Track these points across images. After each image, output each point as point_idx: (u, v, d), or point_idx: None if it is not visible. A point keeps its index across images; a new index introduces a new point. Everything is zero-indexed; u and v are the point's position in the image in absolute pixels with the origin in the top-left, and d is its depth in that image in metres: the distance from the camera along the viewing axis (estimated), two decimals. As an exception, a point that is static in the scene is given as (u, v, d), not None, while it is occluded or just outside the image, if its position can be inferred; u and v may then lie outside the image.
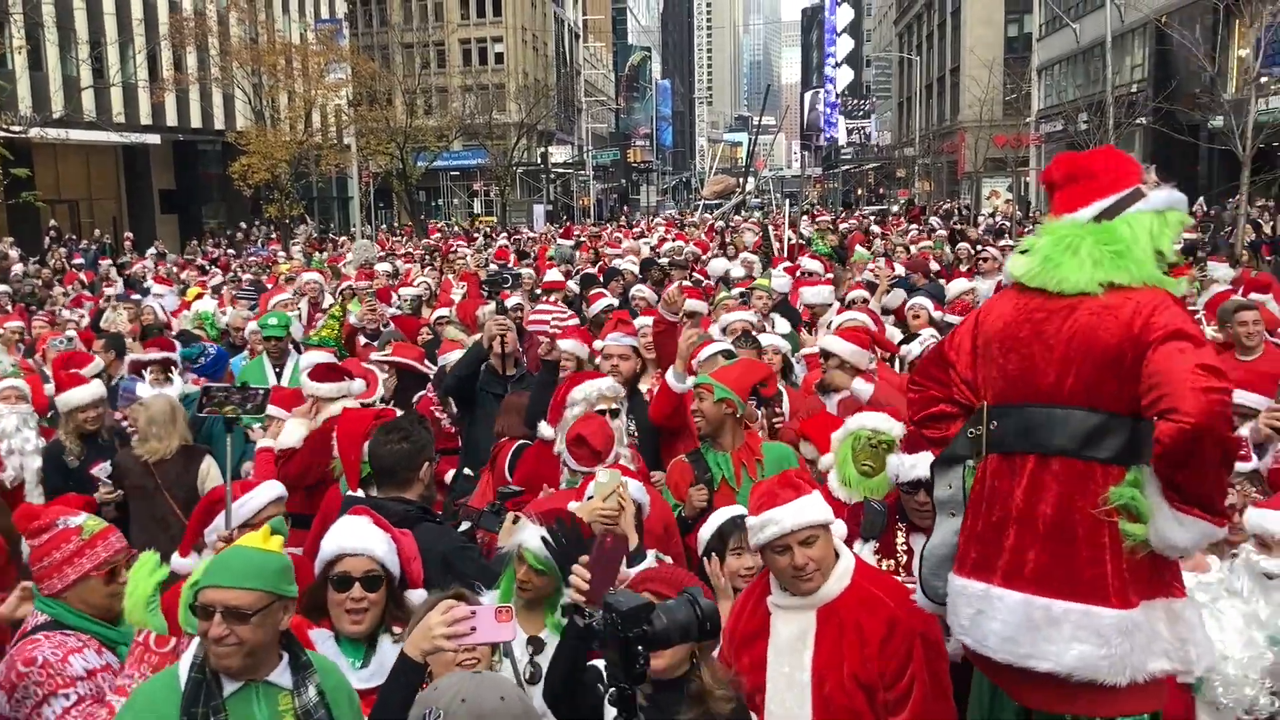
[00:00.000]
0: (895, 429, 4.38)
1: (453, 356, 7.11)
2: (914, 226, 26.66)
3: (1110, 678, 2.78)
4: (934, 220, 29.50)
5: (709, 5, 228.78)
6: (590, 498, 3.85)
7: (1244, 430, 4.52)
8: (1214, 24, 27.06)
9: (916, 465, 3.85)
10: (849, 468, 4.50)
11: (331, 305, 9.76)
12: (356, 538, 3.39)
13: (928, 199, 55.73)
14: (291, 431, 5.84)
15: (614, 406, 4.96)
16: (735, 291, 10.57)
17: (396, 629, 3.35)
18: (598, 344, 6.74)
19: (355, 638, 3.33)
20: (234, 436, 5.14)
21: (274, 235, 34.98)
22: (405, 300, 11.22)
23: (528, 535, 3.52)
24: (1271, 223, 22.30)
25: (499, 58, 64.82)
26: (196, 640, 2.86)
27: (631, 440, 5.42)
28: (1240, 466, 4.09)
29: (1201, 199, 28.57)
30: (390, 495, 4.10)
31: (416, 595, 3.51)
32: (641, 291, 9.74)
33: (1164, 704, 2.90)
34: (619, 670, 2.37)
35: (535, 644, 2.96)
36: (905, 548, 4.05)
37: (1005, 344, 3.02)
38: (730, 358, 6.04)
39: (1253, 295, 8.04)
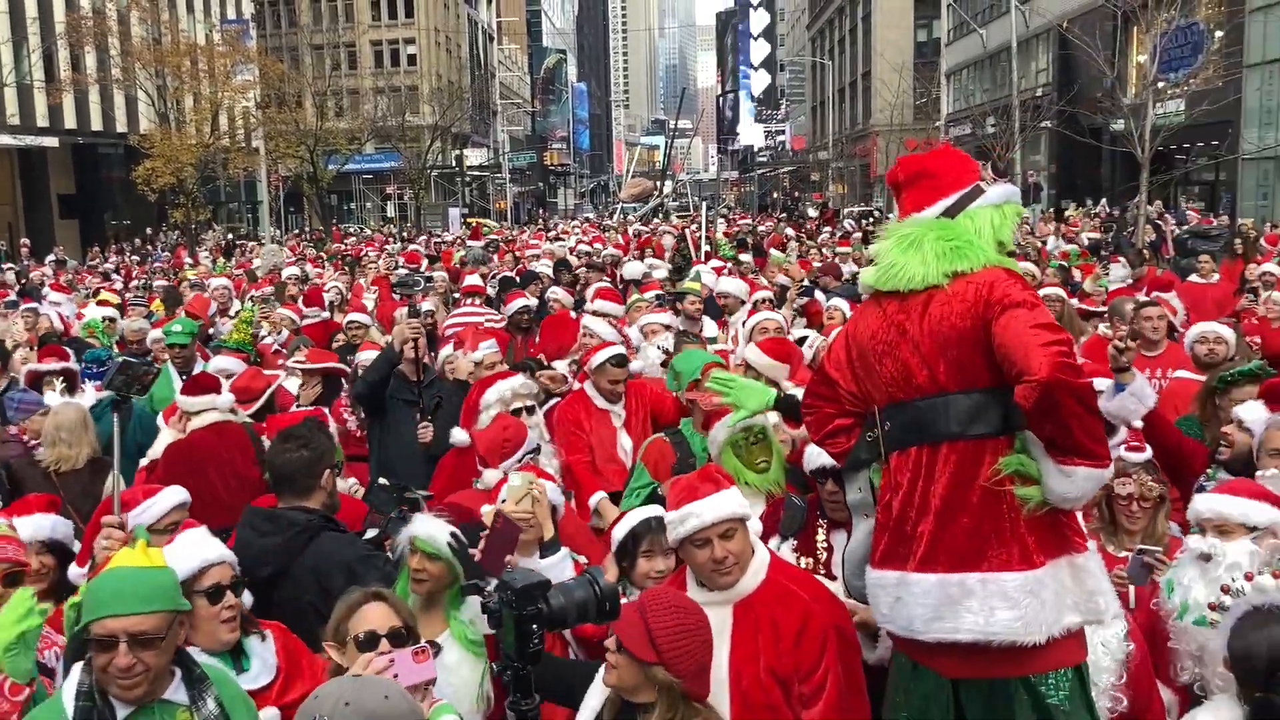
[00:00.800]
0: (758, 418, 4.40)
1: (369, 355, 6.98)
2: (828, 229, 27.01)
3: (1026, 637, 2.89)
4: (848, 223, 29.90)
5: (624, 8, 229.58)
6: (503, 500, 3.79)
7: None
8: (1114, 30, 27.94)
9: (817, 456, 3.99)
10: (745, 474, 4.47)
11: (240, 310, 9.52)
12: (212, 548, 3.28)
13: (842, 202, 56.58)
14: (160, 442, 5.71)
15: (528, 404, 4.92)
16: (649, 294, 10.56)
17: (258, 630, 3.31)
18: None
19: (226, 647, 3.21)
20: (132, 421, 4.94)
21: (180, 241, 34.11)
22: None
23: (418, 524, 3.49)
24: (1171, 223, 23.07)
25: (411, 59, 64.20)
26: (78, 667, 2.71)
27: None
28: (1134, 457, 4.18)
29: (1104, 200, 29.48)
30: (292, 505, 3.98)
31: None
32: (556, 294, 9.68)
33: (1084, 657, 3.02)
34: (513, 650, 2.31)
35: (431, 648, 2.87)
36: (825, 545, 4.06)
37: (877, 351, 3.15)
38: (622, 364, 6.11)
39: (1155, 294, 8.28)
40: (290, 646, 3.33)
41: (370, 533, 4.00)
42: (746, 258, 15.54)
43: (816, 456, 4.01)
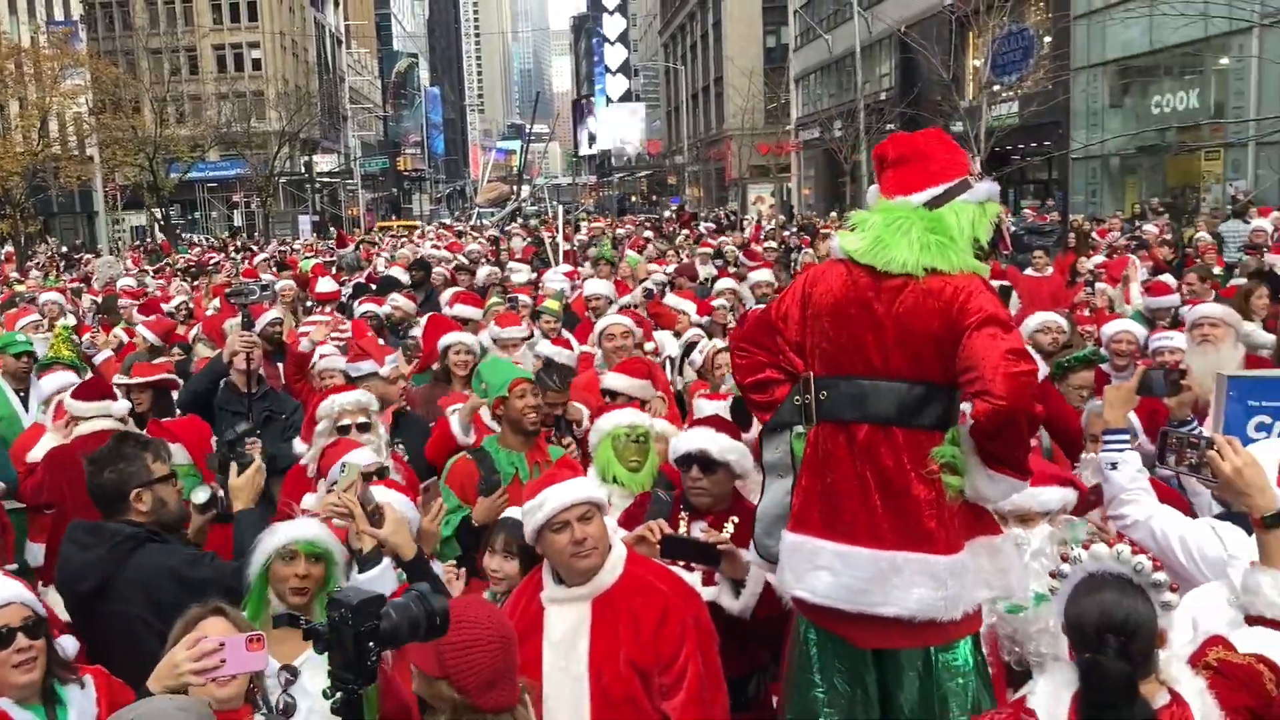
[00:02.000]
0: (645, 420, 4.48)
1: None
2: (684, 231, 27.29)
3: (946, 615, 3.03)
4: (704, 225, 30.27)
5: (476, 12, 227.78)
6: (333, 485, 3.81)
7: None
8: (951, 36, 29.09)
9: (680, 444, 4.05)
10: (615, 467, 4.54)
11: (59, 324, 9.04)
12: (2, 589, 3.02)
13: (698, 205, 57.34)
14: (42, 445, 5.53)
15: (360, 420, 4.81)
16: (523, 299, 10.51)
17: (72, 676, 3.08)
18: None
19: (24, 694, 2.98)
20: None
21: (8, 254, 32.24)
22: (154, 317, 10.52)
23: (291, 529, 3.40)
24: (1007, 220, 24.14)
25: (256, 64, 62.27)
26: None
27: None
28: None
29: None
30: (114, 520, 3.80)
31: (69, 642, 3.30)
32: (398, 301, 9.53)
33: (980, 627, 3.19)
34: (350, 670, 2.22)
35: (289, 673, 2.74)
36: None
37: (836, 318, 3.17)
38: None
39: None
40: (114, 693, 3.10)
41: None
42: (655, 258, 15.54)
43: (681, 446, 4.06)
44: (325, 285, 11.83)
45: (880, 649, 3.17)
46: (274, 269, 17.11)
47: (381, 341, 7.93)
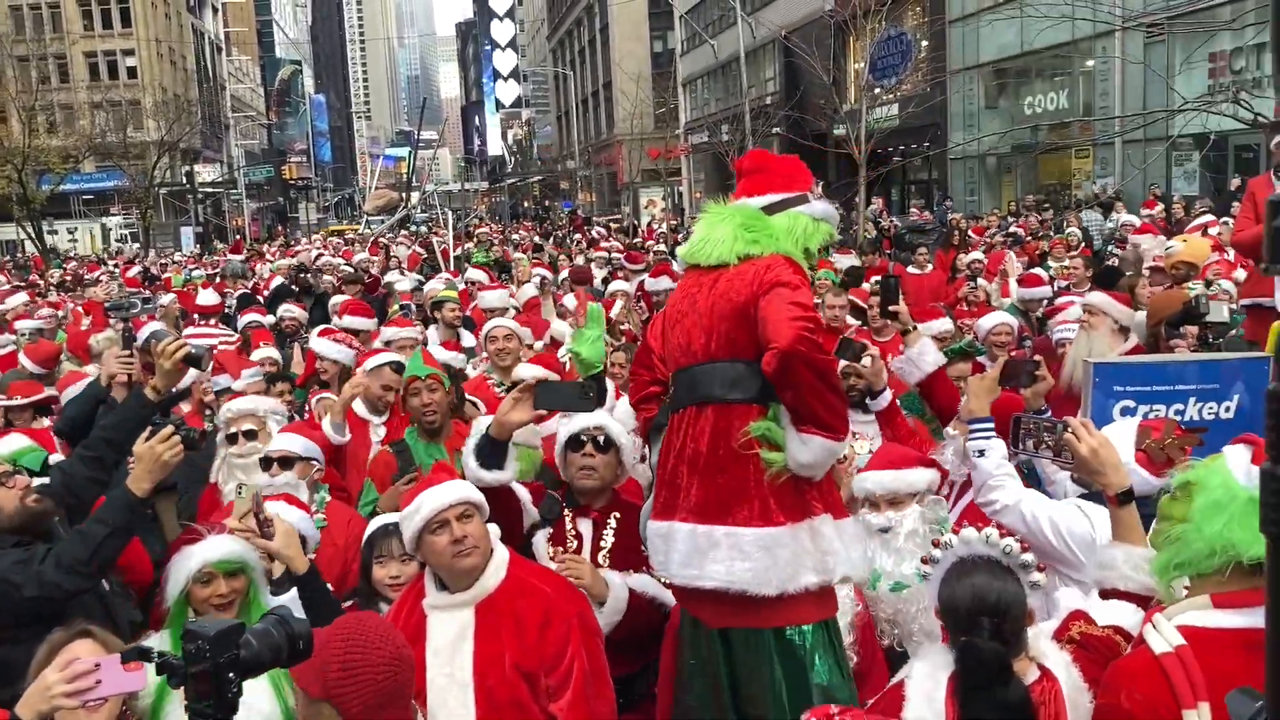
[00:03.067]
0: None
1: (72, 391, 6.41)
2: (577, 235, 27.33)
3: (756, 588, 3.07)
4: (598, 230, 30.33)
5: (360, 18, 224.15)
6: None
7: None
8: (832, 40, 29.66)
9: (575, 422, 4.12)
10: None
11: None
12: None
13: (591, 209, 57.40)
14: None
15: (248, 427, 4.85)
16: (397, 306, 10.42)
17: None
18: None
19: None
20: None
21: None
22: (24, 334, 10.11)
23: (206, 549, 3.33)
24: (890, 219, 24.79)
25: (131, 72, 60.23)
26: None
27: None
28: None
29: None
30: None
31: None
32: (291, 311, 9.36)
33: (829, 614, 3.21)
34: (209, 704, 2.15)
35: None
36: (574, 533, 4.11)
37: (673, 319, 3.35)
38: (399, 370, 5.97)
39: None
40: None
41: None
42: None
43: (576, 424, 4.14)
44: (206, 298, 11.54)
45: (726, 629, 3.22)
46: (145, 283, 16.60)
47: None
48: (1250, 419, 4.34)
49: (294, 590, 3.53)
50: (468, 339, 8.71)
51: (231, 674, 2.14)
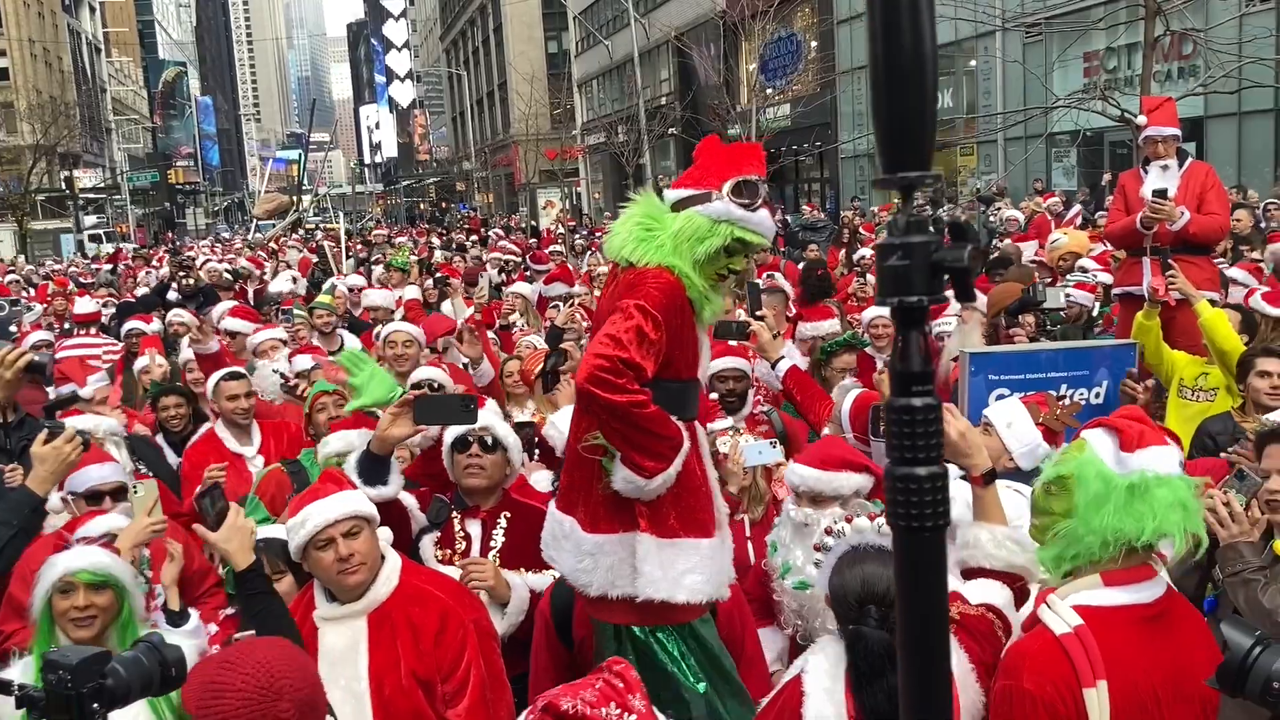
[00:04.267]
0: None
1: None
2: (474, 237, 27.09)
3: (582, 587, 3.17)
4: (494, 231, 30.10)
5: (248, 18, 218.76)
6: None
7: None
8: (723, 41, 29.98)
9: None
10: None
11: None
12: None
13: (489, 210, 56.95)
14: None
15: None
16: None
17: None
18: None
19: None
20: None
21: None
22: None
23: (70, 558, 3.17)
24: (784, 217, 25.13)
25: (3, 74, 57.76)
26: None
27: None
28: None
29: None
30: None
31: None
32: (180, 316, 9.08)
33: (689, 618, 3.19)
34: None
35: None
36: (462, 534, 4.07)
37: (596, 320, 3.38)
38: (238, 376, 5.91)
39: (765, 275, 9.05)
40: None
41: None
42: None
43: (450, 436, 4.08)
44: (84, 306, 11.15)
45: (607, 622, 3.24)
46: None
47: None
48: (1117, 404, 4.54)
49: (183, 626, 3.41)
50: (353, 342, 8.56)
51: (96, 705, 2.05)
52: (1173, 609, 2.56)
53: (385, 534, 3.45)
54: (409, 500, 3.84)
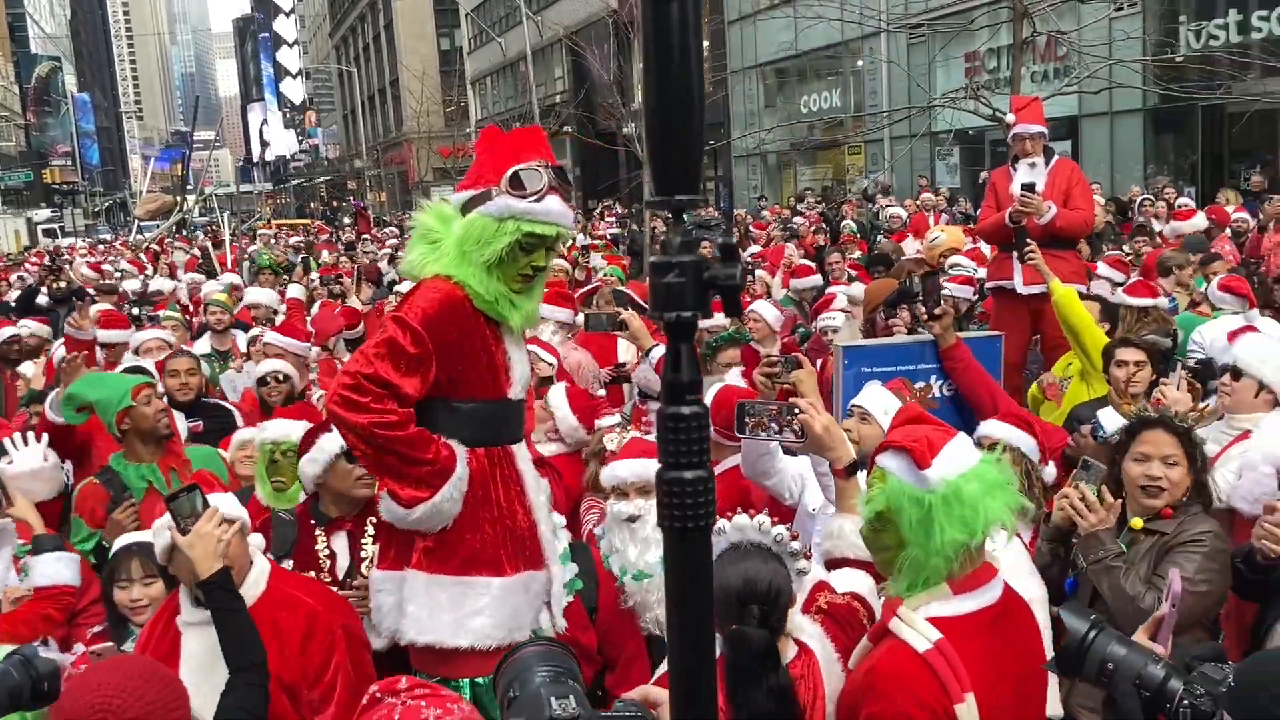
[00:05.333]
0: (295, 433, 4.27)
1: None
2: (366, 236, 26.69)
3: (375, 624, 3.11)
4: (387, 230, 29.67)
5: (126, 12, 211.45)
6: None
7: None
8: (615, 40, 30.05)
9: (332, 442, 3.80)
10: (265, 486, 4.32)
11: None
12: None
13: (383, 209, 56.05)
14: None
15: None
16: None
17: None
18: None
19: None
20: None
21: None
22: None
23: None
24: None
25: None
26: None
27: None
28: None
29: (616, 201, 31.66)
30: None
31: None
32: (30, 327, 8.79)
33: (457, 670, 3.03)
34: None
35: None
36: (327, 552, 3.89)
37: None
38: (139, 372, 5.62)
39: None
40: None
41: None
42: None
43: (307, 464, 3.85)
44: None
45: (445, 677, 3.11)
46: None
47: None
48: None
49: None
50: (243, 340, 8.38)
51: None
52: (1010, 603, 2.57)
53: (256, 540, 3.36)
54: (257, 540, 3.48)
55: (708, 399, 4.30)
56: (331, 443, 3.82)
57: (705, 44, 27.48)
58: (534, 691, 1.49)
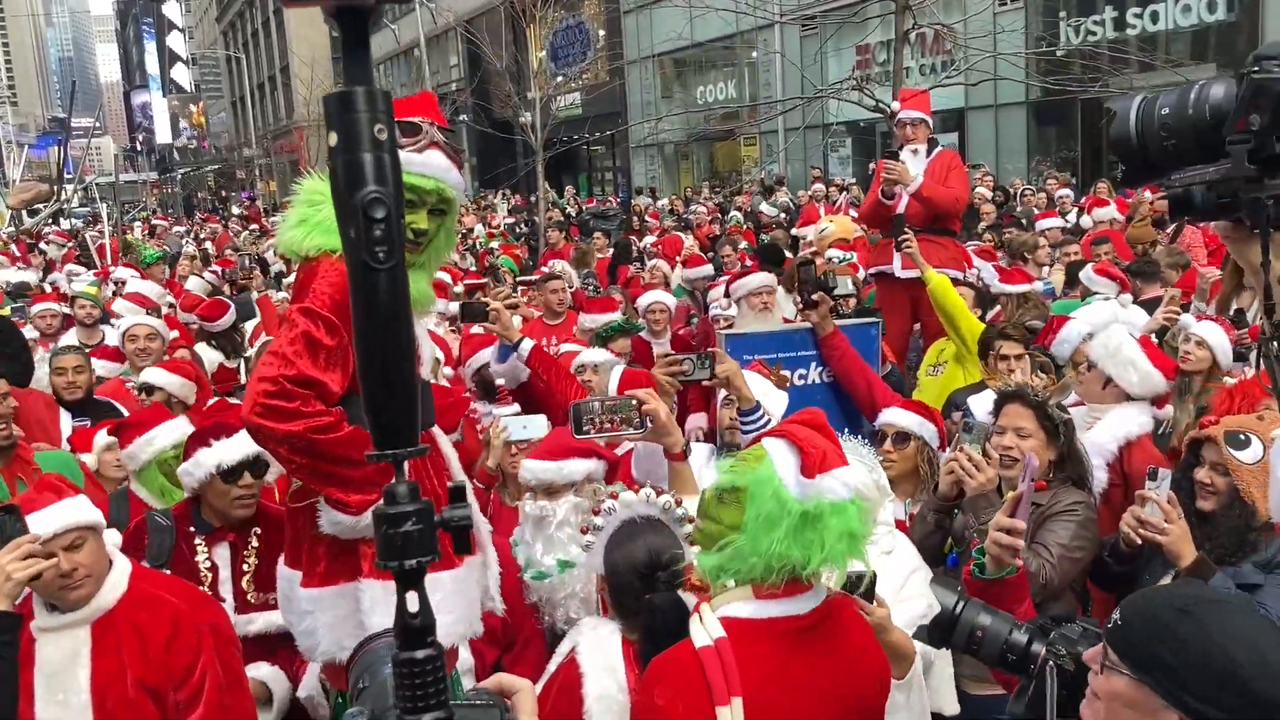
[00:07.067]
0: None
1: None
2: (255, 226, 26.13)
3: (306, 652, 2.84)
4: (275, 219, 29.04)
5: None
6: None
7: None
8: (511, 29, 29.78)
9: (230, 455, 3.67)
10: (154, 483, 4.21)
11: None
12: None
13: (274, 199, 54.74)
14: None
15: None
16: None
17: None
18: None
19: None
20: None
21: None
22: None
23: None
24: (577, 207, 25.33)
25: None
26: None
27: None
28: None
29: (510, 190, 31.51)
30: None
31: None
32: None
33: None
34: None
35: None
36: (208, 565, 3.73)
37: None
38: None
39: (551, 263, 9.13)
40: None
41: None
42: None
43: (231, 456, 3.68)
44: None
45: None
46: None
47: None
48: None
49: None
50: (114, 335, 8.11)
51: None
52: (832, 617, 2.47)
53: (112, 536, 3.23)
54: (113, 537, 3.31)
55: (612, 383, 4.33)
56: (209, 458, 3.67)
57: (601, 33, 27.48)
58: (382, 680, 1.46)
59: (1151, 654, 1.77)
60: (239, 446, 3.64)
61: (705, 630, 2.38)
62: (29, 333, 7.82)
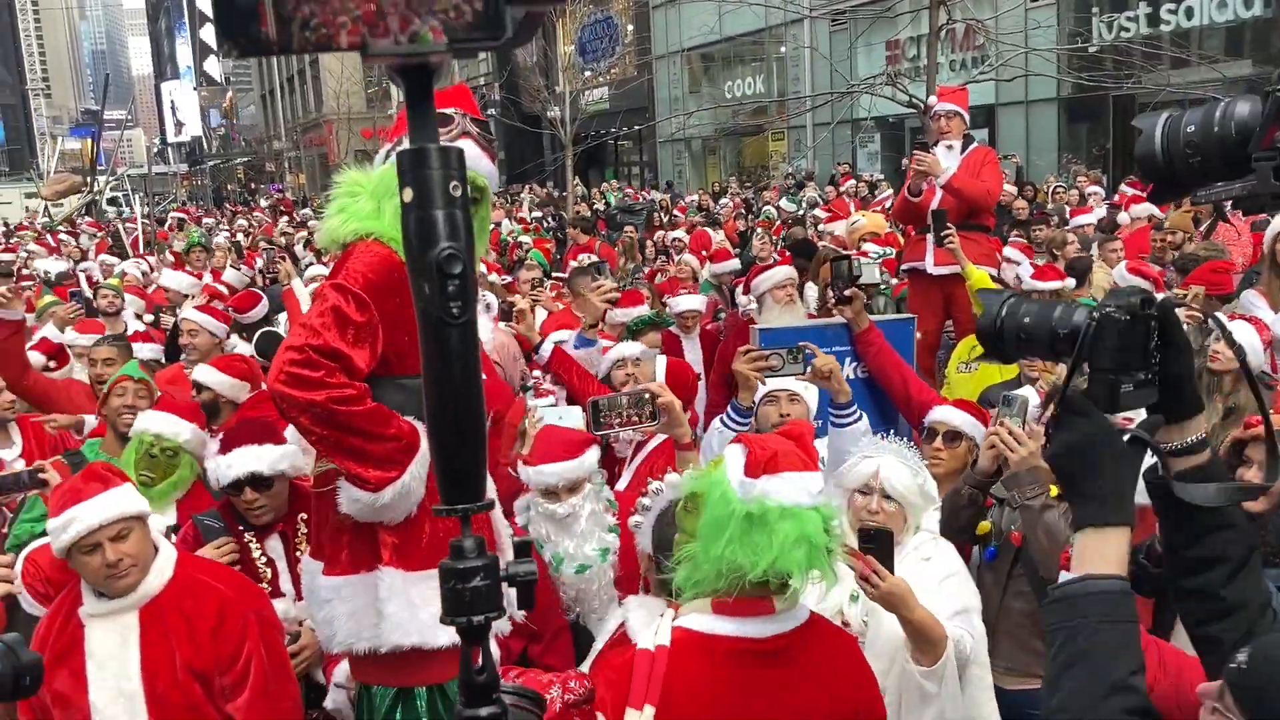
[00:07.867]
0: (184, 432, 4.16)
1: None
2: (285, 218, 26.26)
3: (324, 641, 2.89)
4: (307, 210, 29.20)
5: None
6: None
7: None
8: (542, 25, 29.82)
9: (226, 472, 3.68)
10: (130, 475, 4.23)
11: None
12: None
13: (302, 192, 55.08)
14: None
15: None
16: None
17: None
18: None
19: None
20: None
21: None
22: None
23: None
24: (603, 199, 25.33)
25: None
26: None
27: None
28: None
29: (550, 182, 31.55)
30: None
31: None
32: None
33: (444, 677, 2.79)
34: None
35: None
36: (264, 561, 3.77)
37: None
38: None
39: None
40: None
41: None
42: None
43: (227, 474, 3.68)
44: None
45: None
46: None
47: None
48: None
49: None
50: (137, 326, 8.21)
51: None
52: (799, 646, 2.39)
53: (157, 522, 3.28)
54: (158, 523, 3.38)
55: (659, 373, 4.39)
56: (211, 469, 3.73)
57: (630, 27, 27.48)
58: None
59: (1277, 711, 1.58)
60: (240, 462, 3.65)
61: (655, 635, 2.37)
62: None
